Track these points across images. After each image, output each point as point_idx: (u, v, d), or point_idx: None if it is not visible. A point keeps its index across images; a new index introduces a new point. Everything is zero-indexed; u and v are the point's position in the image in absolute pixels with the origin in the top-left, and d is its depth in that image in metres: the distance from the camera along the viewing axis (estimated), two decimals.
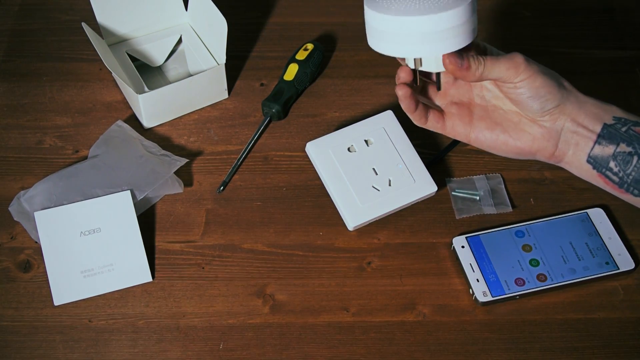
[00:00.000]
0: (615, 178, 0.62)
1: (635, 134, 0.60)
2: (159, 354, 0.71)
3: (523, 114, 0.63)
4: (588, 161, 0.62)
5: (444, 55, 0.60)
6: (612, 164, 0.61)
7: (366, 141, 0.81)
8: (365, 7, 0.61)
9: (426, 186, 0.79)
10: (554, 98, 0.61)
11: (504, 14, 1.01)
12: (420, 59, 0.62)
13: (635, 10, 1.01)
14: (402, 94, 0.63)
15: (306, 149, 0.80)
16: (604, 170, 0.62)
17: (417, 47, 0.59)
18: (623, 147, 0.61)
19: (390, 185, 0.79)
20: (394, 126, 0.81)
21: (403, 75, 0.64)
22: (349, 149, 0.80)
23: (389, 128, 0.81)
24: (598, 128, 0.61)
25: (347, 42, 0.97)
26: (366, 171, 0.79)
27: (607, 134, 0.61)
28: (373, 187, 0.78)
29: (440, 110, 0.66)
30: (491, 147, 0.65)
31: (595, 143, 0.62)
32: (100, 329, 0.73)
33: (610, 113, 0.62)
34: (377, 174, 0.79)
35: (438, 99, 0.67)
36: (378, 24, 0.60)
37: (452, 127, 0.66)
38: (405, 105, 0.64)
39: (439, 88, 0.65)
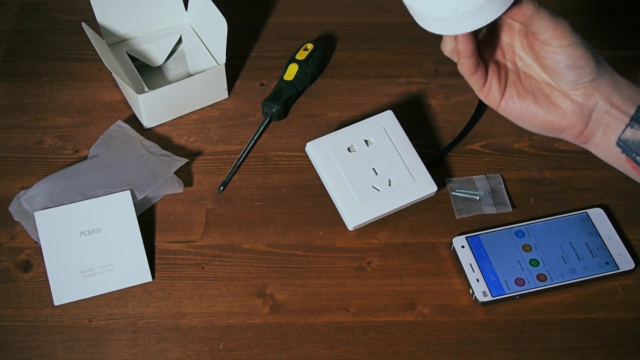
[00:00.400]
0: None
1: None
2: (159, 354, 0.71)
3: (556, 85, 0.61)
4: (617, 144, 0.60)
5: None
6: None
7: (366, 141, 0.80)
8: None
9: (426, 186, 0.79)
10: (590, 71, 0.59)
11: None
12: None
13: (635, 10, 1.01)
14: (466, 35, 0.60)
15: (306, 149, 0.80)
16: (633, 155, 0.60)
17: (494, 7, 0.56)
18: None
19: (390, 185, 0.79)
20: (394, 126, 0.81)
21: None
22: (349, 149, 0.80)
23: (389, 128, 0.81)
24: (632, 110, 0.59)
25: (347, 42, 0.97)
26: (366, 171, 0.79)
27: None
28: (373, 187, 0.78)
29: (485, 69, 0.63)
30: (520, 117, 0.63)
31: (627, 126, 0.60)
32: (100, 329, 0.73)
33: None
34: (377, 174, 0.79)
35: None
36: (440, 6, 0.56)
37: (489, 88, 0.63)
38: (465, 48, 0.60)
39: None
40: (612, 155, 0.61)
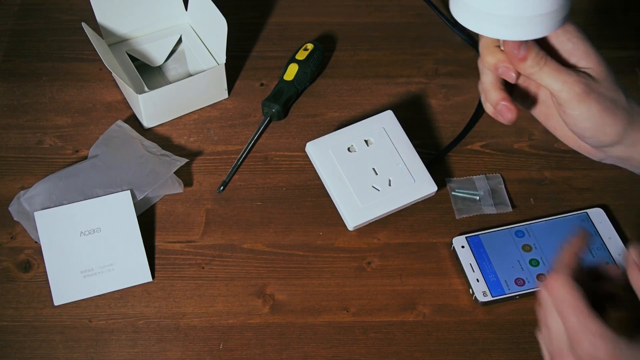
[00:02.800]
0: None
1: None
2: (159, 354, 0.71)
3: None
4: None
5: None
6: None
7: (366, 141, 0.80)
8: None
9: (426, 186, 0.79)
10: (602, 140, 0.55)
11: None
12: None
13: (635, 10, 1.01)
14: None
15: (306, 149, 0.80)
16: None
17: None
18: None
19: (390, 185, 0.79)
20: (394, 126, 0.81)
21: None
22: (349, 149, 0.80)
23: (389, 128, 0.81)
24: None
25: (347, 42, 0.97)
26: (366, 171, 0.79)
27: None
28: (373, 187, 0.78)
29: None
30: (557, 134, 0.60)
31: None
32: (100, 329, 0.73)
33: None
34: (377, 174, 0.79)
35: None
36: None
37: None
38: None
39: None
40: None
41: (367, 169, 0.79)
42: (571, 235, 0.57)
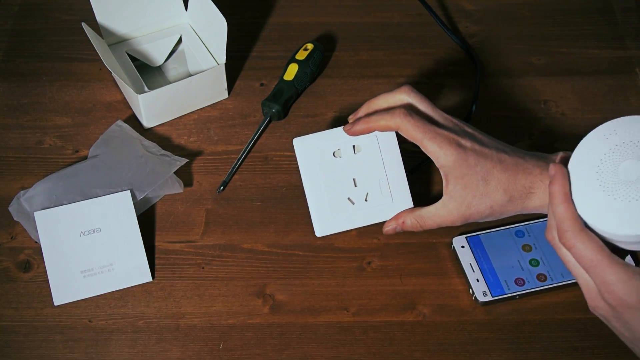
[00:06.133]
0: None
1: None
2: (159, 354, 0.71)
3: None
4: None
5: None
6: None
7: (354, 147, 0.75)
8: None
9: (403, 207, 0.75)
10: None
11: (504, 14, 1.01)
12: None
13: (635, 10, 1.01)
14: None
15: (293, 143, 0.75)
16: None
17: None
18: None
19: (366, 200, 0.75)
20: (388, 137, 0.76)
21: None
22: (334, 154, 0.75)
23: (382, 137, 0.76)
24: None
25: (347, 42, 0.97)
26: (346, 181, 0.75)
27: None
28: (349, 198, 0.75)
29: None
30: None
31: None
32: (100, 329, 0.73)
33: None
34: (356, 185, 0.75)
35: None
36: None
37: None
38: None
39: None
40: None
41: (348, 179, 0.75)
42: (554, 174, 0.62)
